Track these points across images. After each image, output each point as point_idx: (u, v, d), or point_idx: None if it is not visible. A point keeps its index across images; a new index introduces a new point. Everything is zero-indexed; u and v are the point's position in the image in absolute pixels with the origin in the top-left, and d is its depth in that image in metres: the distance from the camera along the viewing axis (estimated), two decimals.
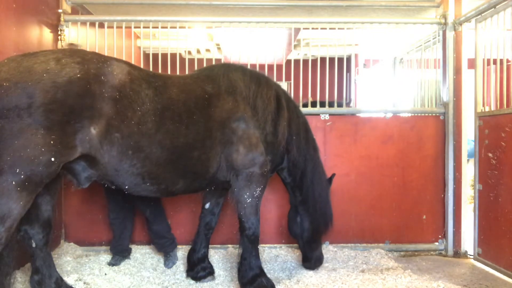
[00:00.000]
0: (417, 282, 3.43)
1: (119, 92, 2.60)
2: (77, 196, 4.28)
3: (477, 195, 4.01)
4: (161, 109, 2.75)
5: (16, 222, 2.36)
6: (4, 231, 2.30)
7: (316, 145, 3.60)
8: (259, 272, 3.15)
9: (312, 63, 4.74)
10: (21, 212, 2.36)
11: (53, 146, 2.35)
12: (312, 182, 3.47)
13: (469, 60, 4.40)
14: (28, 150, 2.29)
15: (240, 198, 3.10)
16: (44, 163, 2.34)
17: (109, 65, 2.66)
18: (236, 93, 3.11)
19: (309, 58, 4.79)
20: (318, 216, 3.49)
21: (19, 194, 2.30)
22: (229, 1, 4.70)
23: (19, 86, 2.31)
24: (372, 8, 5.00)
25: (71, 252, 4.06)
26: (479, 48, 4.02)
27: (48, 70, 2.39)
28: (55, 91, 2.36)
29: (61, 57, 2.51)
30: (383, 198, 4.45)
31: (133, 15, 4.63)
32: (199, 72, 3.32)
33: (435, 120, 4.53)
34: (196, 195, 4.24)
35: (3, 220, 2.28)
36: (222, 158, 3.02)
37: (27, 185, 2.32)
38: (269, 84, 3.33)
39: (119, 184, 2.79)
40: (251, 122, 3.07)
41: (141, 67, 3.05)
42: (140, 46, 6.76)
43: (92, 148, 2.53)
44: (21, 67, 2.38)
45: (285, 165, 3.46)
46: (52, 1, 4.25)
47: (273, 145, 3.21)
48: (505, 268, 3.58)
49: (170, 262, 3.82)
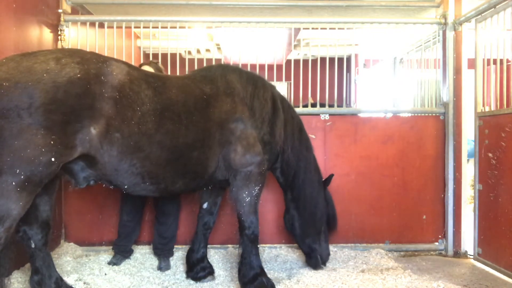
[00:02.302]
0: (417, 282, 3.43)
1: (119, 92, 2.61)
2: (77, 196, 4.28)
3: (477, 195, 4.01)
4: (161, 109, 2.75)
5: (15, 222, 2.36)
6: (3, 232, 2.30)
7: (309, 145, 3.64)
8: (259, 271, 3.15)
9: (312, 63, 4.74)
10: (21, 213, 2.36)
11: (53, 146, 2.34)
12: (304, 182, 3.52)
13: (469, 60, 4.40)
14: (28, 151, 2.28)
15: (239, 197, 3.13)
16: (44, 164, 2.34)
17: (109, 65, 2.66)
18: (234, 94, 3.14)
19: (309, 58, 4.79)
20: (307, 215, 3.55)
21: (18, 195, 2.30)
22: (229, 1, 4.70)
23: (19, 86, 2.30)
24: (372, 8, 5.00)
25: (71, 252, 4.06)
26: (479, 48, 4.01)
27: (48, 70, 2.39)
28: (56, 91, 2.36)
29: (61, 57, 2.50)
30: (383, 198, 4.45)
31: (133, 15, 4.63)
32: (196, 73, 3.33)
33: (435, 120, 4.53)
34: (196, 195, 4.25)
35: (2, 220, 2.28)
36: (221, 158, 3.05)
37: (27, 186, 2.32)
38: (265, 85, 3.38)
39: (118, 183, 2.79)
40: (249, 122, 3.11)
41: (139, 68, 3.06)
42: (140, 46, 6.76)
43: (92, 148, 2.53)
44: (21, 67, 2.36)
45: (278, 164, 3.51)
46: (52, 1, 4.25)
47: (270, 144, 3.25)
48: (505, 268, 3.58)
49: (163, 268, 3.77)
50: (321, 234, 3.68)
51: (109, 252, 4.08)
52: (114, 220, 4.24)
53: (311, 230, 3.60)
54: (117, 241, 3.93)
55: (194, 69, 3.64)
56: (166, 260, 3.85)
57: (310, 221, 3.57)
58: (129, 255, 3.97)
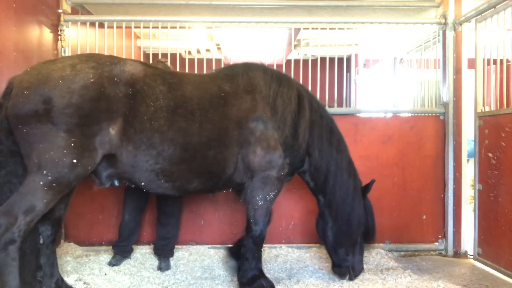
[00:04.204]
0: (417, 282, 3.43)
1: (132, 88, 2.68)
2: (77, 196, 4.25)
3: (477, 195, 4.01)
4: (174, 106, 2.77)
5: (37, 218, 2.52)
6: (24, 224, 2.45)
7: (341, 147, 3.40)
8: (258, 273, 3.14)
9: (312, 63, 4.74)
10: (43, 210, 2.52)
11: (74, 148, 2.50)
12: (334, 187, 3.29)
13: (469, 60, 4.39)
14: (51, 153, 2.46)
15: (252, 199, 3.05)
16: (68, 166, 2.49)
17: (122, 65, 2.75)
18: (255, 92, 3.05)
19: (309, 58, 4.78)
20: (342, 224, 3.31)
21: (44, 194, 2.47)
22: (229, 1, 4.70)
23: (38, 92, 2.48)
24: (372, 8, 5.00)
25: (71, 252, 4.06)
26: (479, 48, 4.01)
27: (63, 76, 2.54)
28: (70, 96, 2.50)
29: (77, 62, 2.64)
30: (383, 198, 4.44)
31: (133, 15, 4.63)
32: (219, 71, 3.31)
33: (435, 120, 4.53)
34: (196, 195, 4.26)
35: (25, 213, 2.44)
36: (239, 159, 2.97)
37: (55, 186, 2.49)
38: (290, 83, 3.24)
39: (136, 181, 2.85)
40: (270, 122, 3.00)
41: (157, 67, 3.11)
42: (140, 46, 6.76)
43: (113, 147, 2.64)
44: (40, 75, 2.55)
45: (306, 168, 3.31)
46: (52, 1, 4.25)
47: (293, 147, 3.10)
48: (505, 268, 3.58)
49: (163, 268, 3.76)
50: (356, 245, 3.40)
51: (109, 252, 4.07)
52: (114, 220, 4.24)
53: (345, 240, 3.33)
54: (117, 242, 3.92)
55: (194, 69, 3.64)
56: (166, 260, 3.85)
57: (345, 230, 3.31)
58: (128, 255, 3.96)
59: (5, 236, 2.40)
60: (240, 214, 4.33)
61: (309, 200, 4.44)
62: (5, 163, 2.64)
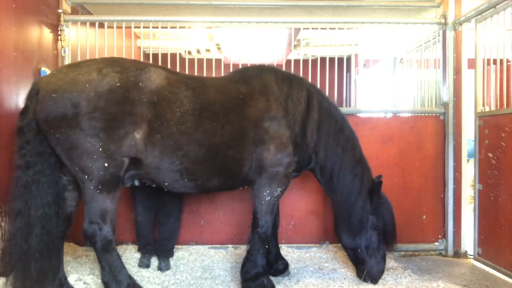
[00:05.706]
0: (417, 282, 3.44)
1: (157, 95, 2.77)
2: None
3: (477, 195, 4.01)
4: (199, 109, 2.89)
5: (115, 213, 2.74)
6: (110, 224, 2.71)
7: (348, 146, 3.40)
8: (262, 271, 3.17)
9: (312, 63, 4.74)
10: (114, 207, 2.73)
11: (103, 152, 2.57)
12: (337, 185, 3.36)
13: (469, 60, 4.40)
14: (84, 158, 2.59)
15: (260, 194, 3.15)
16: (101, 169, 2.61)
17: (147, 71, 2.83)
18: (268, 93, 3.18)
19: (309, 58, 4.78)
20: (341, 221, 3.39)
21: (101, 196, 2.65)
22: (229, 1, 4.70)
23: (65, 96, 2.56)
24: (372, 8, 5.00)
25: (71, 252, 4.06)
26: (479, 48, 4.01)
27: (90, 80, 2.61)
28: (97, 100, 2.57)
29: (103, 67, 2.71)
30: None
31: (133, 15, 4.62)
32: (233, 74, 3.41)
33: (435, 120, 4.53)
34: (196, 196, 4.26)
35: (102, 217, 2.67)
36: (254, 157, 3.08)
37: (103, 187, 2.65)
38: (301, 85, 3.35)
39: (160, 181, 2.94)
40: (283, 122, 3.13)
41: (178, 71, 3.20)
42: (140, 46, 6.77)
43: (138, 151, 2.72)
44: (67, 78, 2.60)
45: (313, 166, 3.42)
46: (52, 1, 4.25)
47: (301, 146, 3.24)
48: (505, 268, 3.58)
49: (163, 268, 3.76)
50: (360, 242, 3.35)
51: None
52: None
53: (347, 240, 3.40)
54: (137, 243, 3.99)
55: (194, 69, 3.65)
56: (166, 260, 3.84)
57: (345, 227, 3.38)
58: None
59: (101, 240, 2.68)
60: (240, 214, 4.33)
61: (309, 200, 4.45)
62: (33, 163, 2.69)
